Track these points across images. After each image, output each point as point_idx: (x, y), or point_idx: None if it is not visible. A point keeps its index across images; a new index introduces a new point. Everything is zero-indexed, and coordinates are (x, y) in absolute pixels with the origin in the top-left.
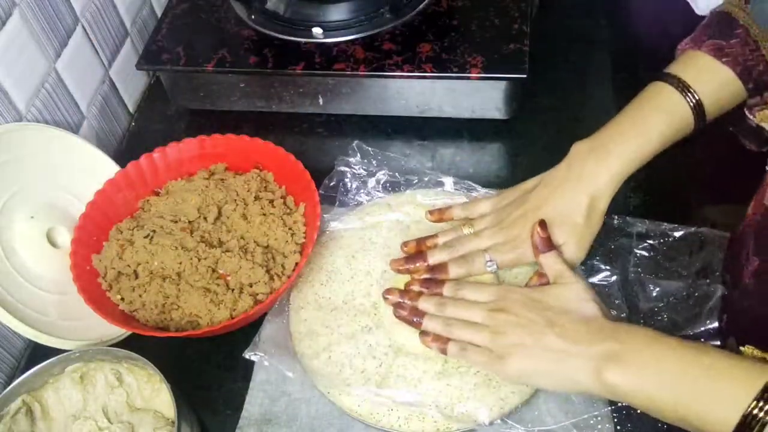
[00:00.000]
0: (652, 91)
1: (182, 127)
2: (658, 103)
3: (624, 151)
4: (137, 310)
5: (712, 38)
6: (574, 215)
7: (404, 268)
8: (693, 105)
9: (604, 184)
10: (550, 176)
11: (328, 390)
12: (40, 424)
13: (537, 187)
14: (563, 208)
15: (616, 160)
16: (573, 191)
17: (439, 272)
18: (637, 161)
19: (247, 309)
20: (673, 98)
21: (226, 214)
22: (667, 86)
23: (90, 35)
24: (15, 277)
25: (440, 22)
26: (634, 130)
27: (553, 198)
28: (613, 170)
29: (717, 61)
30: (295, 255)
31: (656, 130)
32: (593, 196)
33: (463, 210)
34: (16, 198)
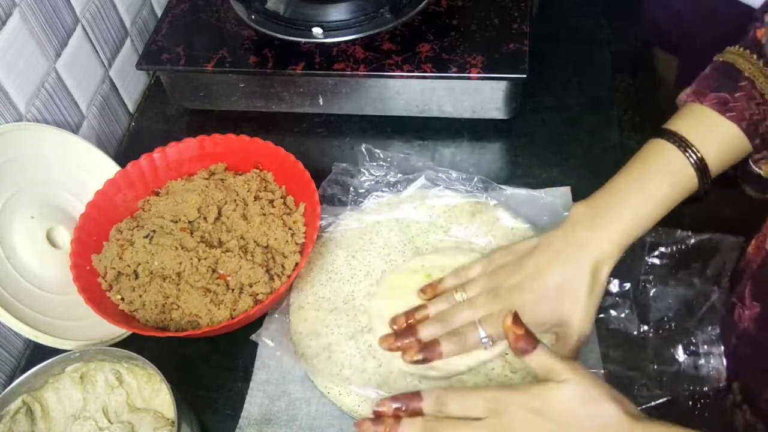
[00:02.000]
0: (653, 150)
1: (182, 127)
2: (660, 164)
3: (626, 216)
4: (137, 310)
5: (716, 91)
6: (578, 286)
7: (395, 347)
8: (696, 164)
9: (606, 252)
10: (547, 240)
11: (328, 390)
12: (40, 424)
13: (534, 252)
14: (565, 278)
15: (619, 227)
16: (575, 259)
17: (430, 351)
18: (640, 227)
19: (247, 309)
20: (676, 158)
21: (226, 214)
22: (668, 145)
23: (90, 35)
24: (15, 277)
25: (440, 22)
26: (636, 194)
27: (553, 266)
28: (615, 238)
29: (721, 116)
30: (295, 255)
31: (659, 194)
32: (596, 264)
33: (455, 278)
34: (16, 198)
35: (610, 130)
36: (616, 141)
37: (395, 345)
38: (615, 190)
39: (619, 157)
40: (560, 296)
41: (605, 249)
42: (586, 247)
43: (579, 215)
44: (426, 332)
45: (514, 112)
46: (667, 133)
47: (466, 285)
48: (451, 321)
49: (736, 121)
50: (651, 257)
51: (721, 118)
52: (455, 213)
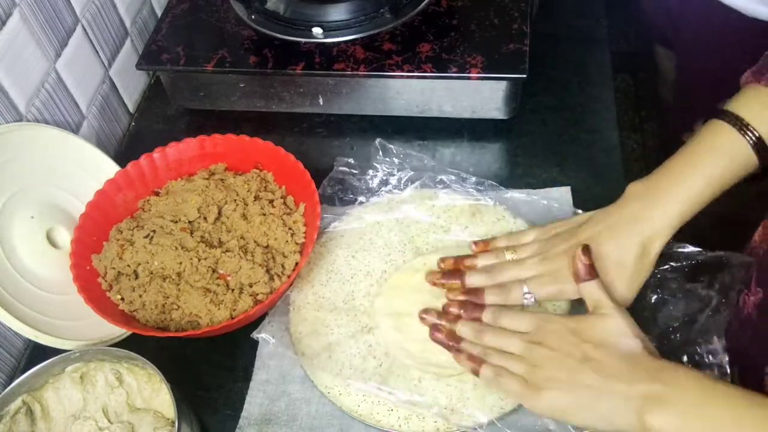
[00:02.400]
0: (709, 131)
1: (182, 127)
2: (716, 143)
3: (681, 194)
4: (137, 310)
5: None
6: (626, 257)
7: (440, 282)
8: (753, 143)
9: (659, 228)
10: (602, 214)
11: (328, 390)
12: (40, 424)
13: (587, 223)
14: (614, 248)
15: (674, 203)
16: (626, 232)
17: (474, 296)
18: (695, 205)
19: (247, 309)
20: (732, 138)
21: (226, 214)
22: (725, 125)
23: (90, 35)
24: (15, 277)
25: (440, 22)
26: (691, 172)
27: (604, 236)
28: (670, 213)
29: None
30: (295, 255)
31: (715, 172)
32: (647, 239)
33: (508, 239)
34: (16, 198)
35: (610, 130)
36: (616, 141)
37: (441, 281)
38: (670, 169)
39: (619, 158)
40: (607, 265)
41: (657, 224)
42: (638, 220)
43: (634, 192)
44: (472, 279)
45: (514, 112)
46: (724, 113)
47: (518, 247)
48: (498, 275)
49: None
50: (660, 270)
51: None
52: (455, 213)
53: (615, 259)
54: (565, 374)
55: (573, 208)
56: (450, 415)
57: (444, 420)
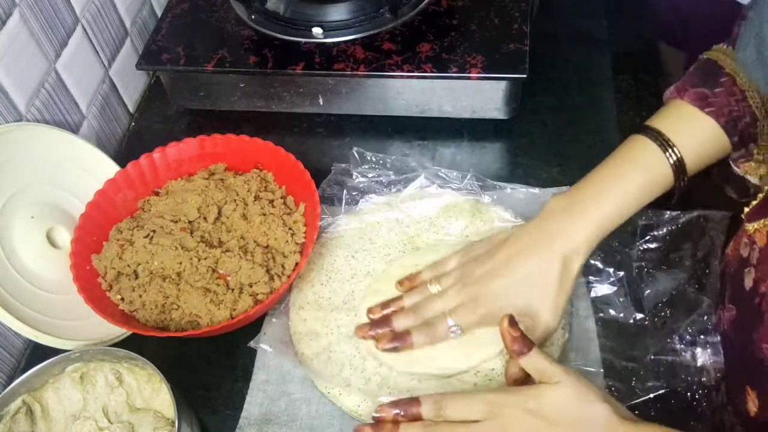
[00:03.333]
0: (632, 146)
1: (182, 127)
2: (638, 160)
3: (600, 211)
4: (137, 310)
5: (696, 87)
6: (546, 277)
7: (368, 336)
8: (673, 162)
9: (578, 245)
10: (521, 231)
11: (328, 390)
12: (40, 424)
13: (507, 242)
14: (534, 268)
15: (592, 220)
16: (545, 250)
17: (402, 340)
18: (614, 221)
19: (247, 309)
20: (654, 155)
21: (226, 214)
22: (647, 141)
23: (90, 35)
24: (15, 277)
25: (440, 21)
26: (612, 189)
27: (523, 256)
28: (588, 230)
29: (700, 111)
30: (295, 255)
31: (635, 190)
32: (567, 256)
33: (432, 270)
34: (16, 198)
35: (610, 130)
36: (616, 141)
37: (369, 334)
38: (592, 184)
39: None
40: (529, 287)
41: (577, 241)
42: (557, 238)
43: (554, 207)
44: (399, 323)
45: (514, 112)
46: (646, 129)
47: (440, 277)
48: (423, 312)
49: (715, 116)
50: (643, 243)
51: (700, 114)
52: (455, 212)
53: (537, 280)
54: None
55: None
56: None
57: None
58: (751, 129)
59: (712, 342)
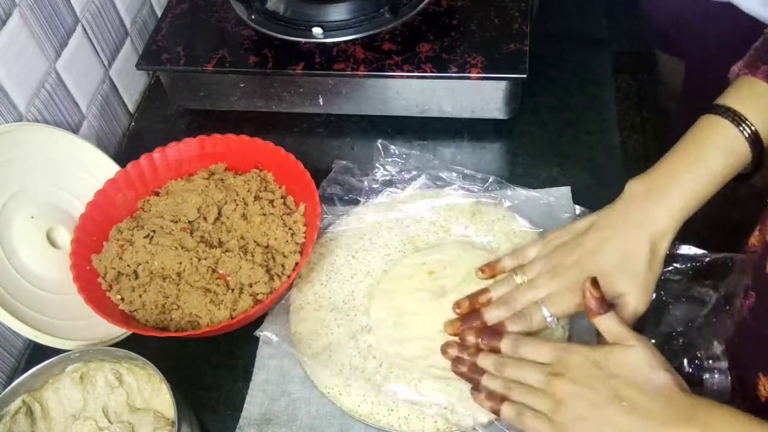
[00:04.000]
0: (706, 126)
1: (182, 127)
2: (714, 138)
3: (684, 191)
4: (137, 310)
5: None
6: (636, 262)
7: (461, 330)
8: (750, 137)
9: (665, 227)
10: (605, 218)
11: (328, 390)
12: (40, 424)
13: (591, 230)
14: (623, 254)
15: (677, 200)
16: (633, 235)
17: (498, 333)
18: (698, 200)
19: (247, 309)
20: (730, 132)
21: (226, 214)
22: (721, 120)
23: (90, 35)
24: (15, 277)
25: (440, 22)
26: (692, 169)
27: (611, 243)
28: (674, 211)
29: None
30: (295, 255)
31: (715, 167)
32: (654, 239)
33: (513, 259)
34: (16, 198)
35: (610, 130)
36: (616, 141)
37: (461, 329)
38: (670, 165)
39: (619, 157)
40: (619, 272)
41: (663, 224)
42: (642, 223)
43: (635, 191)
44: (491, 315)
45: (514, 112)
46: (719, 108)
47: (524, 267)
48: (515, 303)
49: None
50: (666, 273)
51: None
52: (455, 212)
53: (626, 266)
54: (594, 413)
55: (574, 206)
56: (450, 415)
57: (444, 420)
58: None
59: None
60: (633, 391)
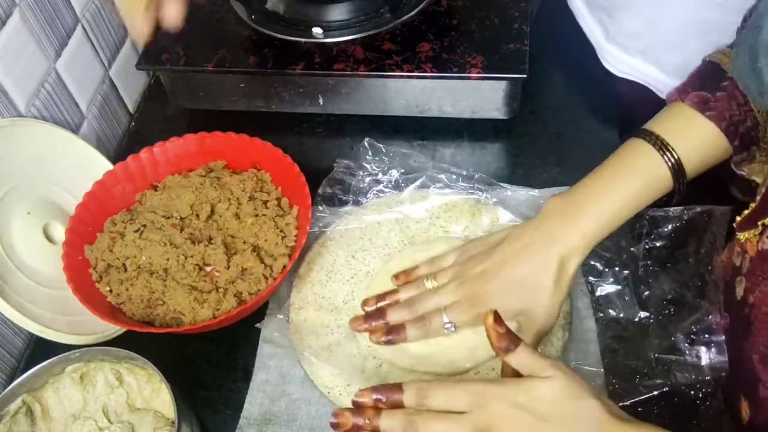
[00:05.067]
0: (630, 150)
1: (182, 127)
2: (636, 162)
3: (598, 214)
4: (124, 303)
5: (698, 90)
6: (543, 276)
7: (363, 328)
8: (671, 165)
9: (575, 246)
10: (518, 232)
11: (328, 390)
12: (40, 424)
13: (504, 242)
14: (531, 269)
15: (590, 222)
16: (542, 250)
17: (396, 333)
18: (611, 224)
19: (230, 309)
20: (651, 157)
21: (219, 213)
22: (645, 144)
23: (90, 35)
24: (15, 273)
25: (440, 21)
26: (609, 191)
27: (520, 256)
28: (586, 232)
29: (700, 115)
30: (284, 258)
31: (632, 192)
32: (563, 257)
33: (429, 266)
34: (12, 193)
35: (610, 130)
36: (616, 141)
37: (363, 326)
38: (589, 186)
39: None
40: (525, 287)
41: (574, 243)
42: (554, 239)
43: (552, 208)
44: (393, 316)
45: (514, 112)
46: (644, 132)
47: (437, 273)
48: (418, 307)
49: (716, 120)
50: (649, 241)
51: (700, 117)
52: (455, 212)
53: (533, 280)
54: None
55: None
56: None
57: None
58: (753, 132)
59: (717, 341)
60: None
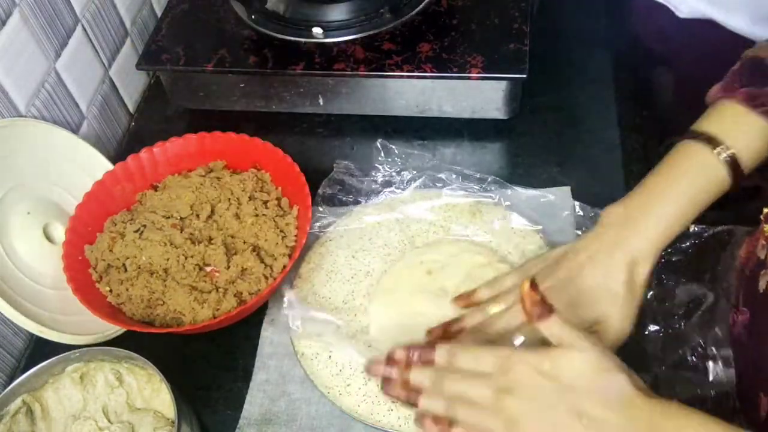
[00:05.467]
0: (683, 151)
1: (182, 128)
2: (690, 163)
3: (661, 218)
4: (124, 303)
5: (745, 86)
6: (613, 285)
7: None
8: (727, 162)
9: (643, 253)
10: (581, 243)
11: (328, 390)
12: (40, 424)
13: (567, 256)
14: (600, 278)
15: (654, 226)
16: (608, 259)
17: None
18: (676, 226)
19: (230, 309)
20: (706, 157)
21: (219, 213)
22: (697, 145)
23: (90, 35)
24: (15, 273)
25: (440, 21)
26: (669, 194)
27: (587, 267)
28: (651, 238)
29: (751, 111)
30: (284, 258)
31: (692, 193)
32: (632, 263)
33: (489, 289)
34: (12, 193)
35: (610, 130)
36: (616, 141)
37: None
38: (648, 191)
39: (619, 157)
40: (596, 297)
41: (642, 247)
42: (620, 246)
43: (612, 216)
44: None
45: (514, 112)
46: (694, 133)
47: (499, 297)
48: (486, 333)
49: (767, 116)
50: (665, 255)
51: (751, 113)
52: (456, 212)
53: (604, 289)
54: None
55: (574, 203)
56: None
57: None
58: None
59: (724, 356)
60: (591, 403)
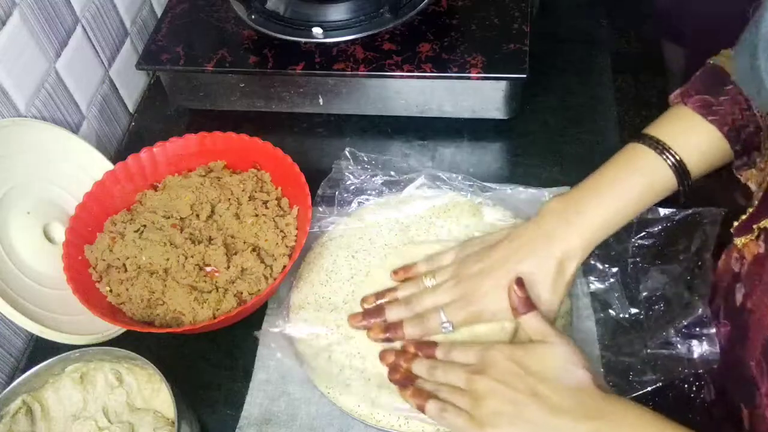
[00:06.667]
0: (629, 153)
1: (182, 127)
2: (636, 165)
3: (598, 214)
4: (124, 302)
5: (701, 93)
6: (540, 276)
7: (361, 325)
8: (672, 166)
9: (574, 247)
10: (517, 232)
11: (328, 390)
12: (40, 424)
13: (503, 242)
14: (528, 267)
15: (589, 223)
16: (541, 250)
17: (394, 331)
18: (611, 225)
19: (230, 309)
20: (651, 160)
21: (219, 213)
22: (644, 148)
23: (90, 35)
24: (15, 273)
25: (440, 21)
26: (610, 192)
27: (518, 256)
28: (585, 233)
29: (703, 119)
30: (284, 258)
31: (633, 193)
32: (562, 258)
33: (428, 264)
34: (12, 193)
35: (610, 130)
36: (616, 141)
37: (362, 323)
38: (589, 187)
39: None
40: (528, 282)
41: (573, 244)
42: (554, 240)
43: (552, 208)
44: (392, 314)
45: (514, 112)
46: (643, 137)
47: (436, 271)
48: (416, 305)
49: (718, 125)
50: (638, 239)
51: (702, 121)
52: (455, 212)
53: (530, 281)
54: (510, 408)
55: None
56: None
57: None
58: (755, 138)
59: (708, 333)
60: (549, 388)
